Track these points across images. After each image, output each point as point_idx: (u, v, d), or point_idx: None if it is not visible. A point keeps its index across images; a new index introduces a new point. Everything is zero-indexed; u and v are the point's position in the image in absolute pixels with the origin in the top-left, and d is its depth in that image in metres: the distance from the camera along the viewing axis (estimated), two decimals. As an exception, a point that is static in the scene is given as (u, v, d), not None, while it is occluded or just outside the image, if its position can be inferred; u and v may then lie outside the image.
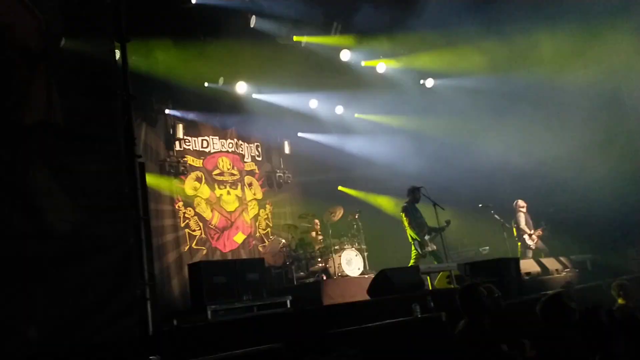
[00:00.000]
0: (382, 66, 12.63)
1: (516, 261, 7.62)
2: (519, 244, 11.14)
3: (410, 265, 9.45)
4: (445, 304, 5.96)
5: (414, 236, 9.72)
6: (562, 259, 10.11)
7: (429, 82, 12.90)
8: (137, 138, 5.23)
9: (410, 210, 9.85)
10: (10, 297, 4.15)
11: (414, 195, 9.91)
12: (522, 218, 11.19)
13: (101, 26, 5.29)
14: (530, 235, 11.06)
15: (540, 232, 11.04)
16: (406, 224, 9.86)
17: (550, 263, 9.66)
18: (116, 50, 5.46)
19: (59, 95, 4.80)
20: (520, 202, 11.22)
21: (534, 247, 11.05)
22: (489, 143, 11.09)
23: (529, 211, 11.34)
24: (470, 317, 4.85)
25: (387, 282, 7.07)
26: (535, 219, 11.35)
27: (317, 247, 11.74)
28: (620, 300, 6.88)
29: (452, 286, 7.88)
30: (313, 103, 13.53)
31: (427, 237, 9.74)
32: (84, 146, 4.86)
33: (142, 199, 5.18)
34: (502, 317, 5.48)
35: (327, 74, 12.52)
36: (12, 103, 4.47)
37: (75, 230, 4.54)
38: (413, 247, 9.79)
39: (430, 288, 8.20)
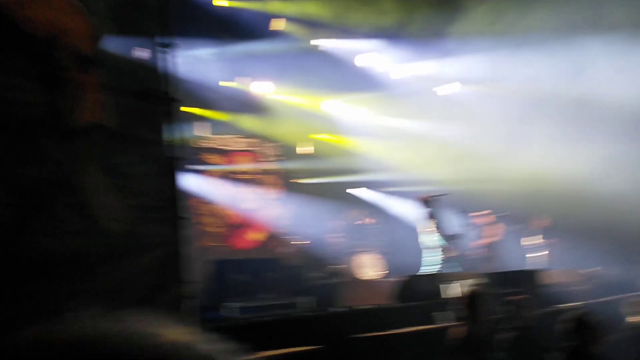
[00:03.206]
0: (403, 71, 12.75)
1: (539, 272, 7.73)
2: None
3: (432, 272, 9.55)
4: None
5: (436, 242, 9.84)
6: (576, 271, 10.21)
7: (454, 88, 12.94)
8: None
9: (431, 217, 9.98)
10: (58, 291, 4.30)
11: (434, 202, 10.04)
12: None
13: (147, 29, 5.43)
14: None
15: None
16: (429, 229, 9.97)
17: (565, 275, 9.77)
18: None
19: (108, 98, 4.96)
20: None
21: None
22: (513, 152, 11.17)
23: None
24: (468, 323, 5.02)
25: (411, 289, 7.21)
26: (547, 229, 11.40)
27: (334, 249, 11.89)
28: (632, 319, 6.89)
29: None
30: (332, 105, 13.64)
31: (447, 244, 9.88)
32: (132, 147, 5.01)
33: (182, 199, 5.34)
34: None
35: (346, 77, 12.65)
36: (67, 106, 4.62)
37: (124, 228, 4.70)
38: (434, 253, 9.90)
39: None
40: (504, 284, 7.08)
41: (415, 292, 7.15)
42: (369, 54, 12.38)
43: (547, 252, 11.10)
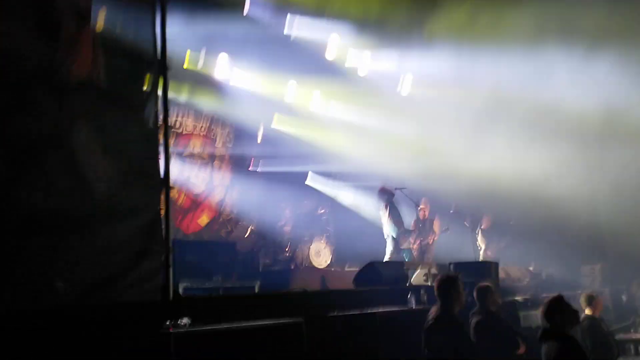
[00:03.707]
0: (366, 65, 12.89)
1: (496, 265, 8.05)
2: None
3: (387, 260, 9.78)
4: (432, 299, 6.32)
5: (392, 233, 10.05)
6: (524, 267, 10.72)
7: (409, 89, 13.20)
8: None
9: (390, 207, 10.19)
10: (47, 249, 4.16)
11: (388, 193, 10.29)
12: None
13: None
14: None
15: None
16: (385, 220, 10.17)
17: (513, 271, 10.22)
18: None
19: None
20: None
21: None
22: (469, 152, 11.54)
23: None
24: (443, 304, 5.25)
25: (375, 274, 7.33)
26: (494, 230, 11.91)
27: (286, 236, 11.92)
28: (587, 311, 7.35)
29: (429, 283, 8.21)
30: (292, 93, 13.54)
31: (401, 235, 10.14)
32: (122, 109, 4.90)
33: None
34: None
35: (313, 66, 12.62)
36: (60, 59, 4.46)
37: (110, 190, 4.58)
38: (388, 243, 10.11)
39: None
40: (463, 273, 7.31)
41: (380, 277, 7.26)
42: (339, 44, 12.40)
43: (494, 248, 11.54)
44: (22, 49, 4.24)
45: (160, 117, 5.14)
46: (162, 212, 4.96)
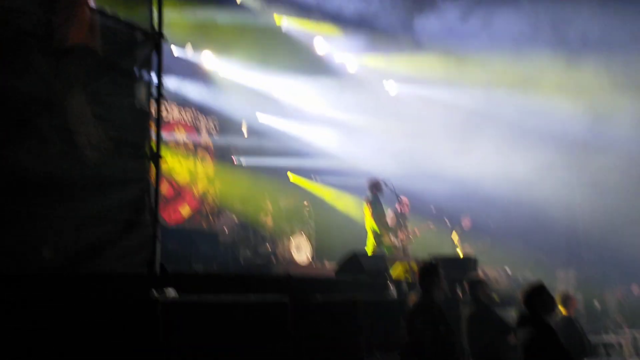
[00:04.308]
0: (353, 62, 12.96)
1: (475, 262, 8.15)
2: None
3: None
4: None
5: (375, 228, 10.08)
6: (498, 269, 10.85)
7: (396, 88, 13.28)
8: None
9: (374, 202, 10.22)
10: (35, 214, 4.09)
11: (377, 187, 10.30)
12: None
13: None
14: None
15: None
16: (368, 214, 10.19)
17: (490, 271, 10.34)
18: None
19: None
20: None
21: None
22: (453, 154, 11.67)
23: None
24: (424, 291, 5.31)
25: (356, 264, 7.35)
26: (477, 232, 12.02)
27: (268, 230, 11.89)
28: (562, 311, 7.47)
29: (409, 279, 8.27)
30: (279, 87, 13.55)
31: (383, 231, 10.17)
32: (117, 78, 4.86)
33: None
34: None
35: (300, 61, 12.66)
36: (56, 22, 4.41)
37: (102, 159, 4.54)
38: (371, 238, 10.13)
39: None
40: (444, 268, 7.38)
41: (361, 267, 7.29)
42: (329, 39, 12.45)
43: (473, 249, 11.63)
44: (17, 9, 4.19)
45: (154, 89, 5.17)
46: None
